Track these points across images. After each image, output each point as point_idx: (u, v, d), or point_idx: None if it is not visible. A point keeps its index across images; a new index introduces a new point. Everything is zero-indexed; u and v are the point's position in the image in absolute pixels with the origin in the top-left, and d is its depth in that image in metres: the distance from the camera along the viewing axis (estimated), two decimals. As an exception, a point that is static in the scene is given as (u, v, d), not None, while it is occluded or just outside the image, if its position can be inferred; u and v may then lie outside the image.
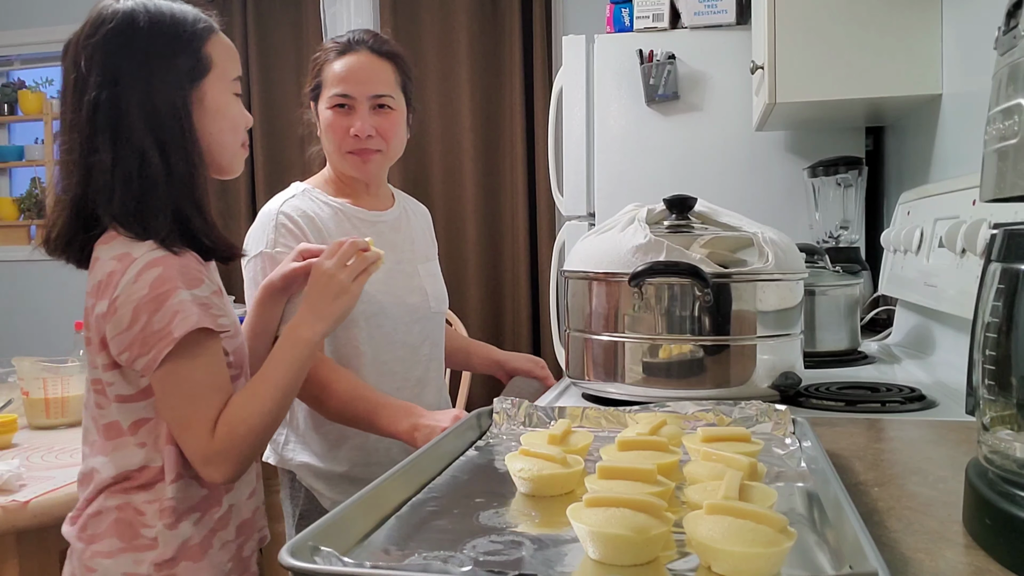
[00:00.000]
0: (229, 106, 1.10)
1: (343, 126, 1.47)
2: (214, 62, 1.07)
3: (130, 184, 1.01)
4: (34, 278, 4.05)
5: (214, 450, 1.01)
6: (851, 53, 1.72)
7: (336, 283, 1.11)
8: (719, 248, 1.10)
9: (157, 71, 1.02)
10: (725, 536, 0.53)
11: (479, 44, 3.37)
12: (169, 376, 1.00)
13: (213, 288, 1.05)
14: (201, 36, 1.06)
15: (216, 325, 1.02)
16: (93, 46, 1.02)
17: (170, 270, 0.99)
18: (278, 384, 1.07)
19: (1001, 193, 0.57)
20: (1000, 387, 0.57)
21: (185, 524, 1.05)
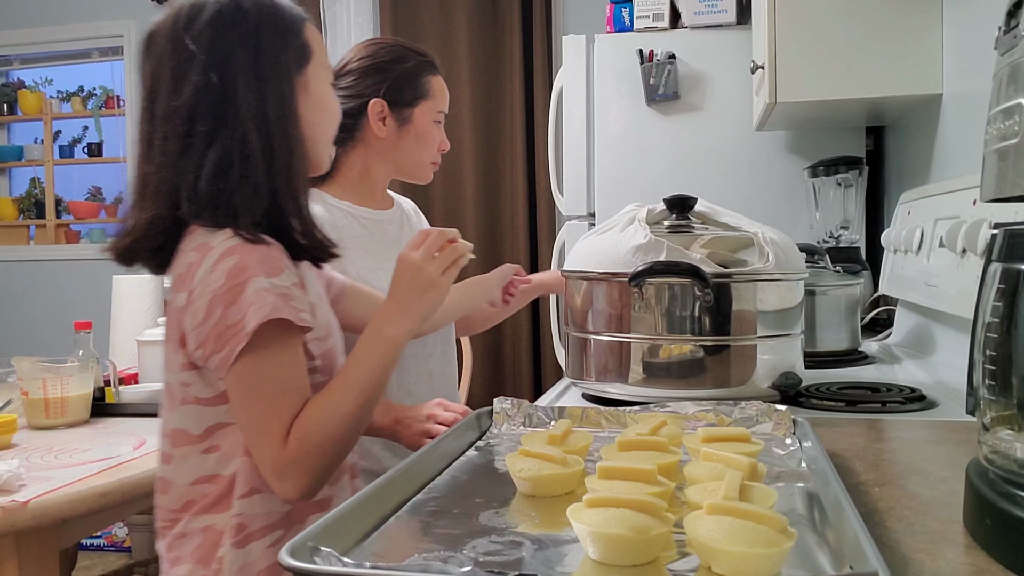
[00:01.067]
0: (328, 95, 1.06)
1: (437, 138, 1.53)
2: (313, 49, 1.02)
3: (228, 170, 0.94)
4: (34, 278, 4.05)
5: (286, 460, 0.91)
6: (851, 53, 1.72)
7: (424, 276, 0.99)
8: (719, 248, 1.10)
9: (267, 54, 0.97)
10: (725, 536, 0.53)
11: (479, 44, 3.36)
12: (243, 375, 0.91)
13: (294, 280, 0.95)
14: (301, 22, 1.02)
15: (297, 319, 0.92)
16: (197, 31, 0.95)
17: (247, 258, 0.91)
18: (360, 386, 0.95)
19: (1001, 193, 0.57)
20: (1001, 387, 0.57)
21: (256, 545, 0.95)
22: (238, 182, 0.94)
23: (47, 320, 3.98)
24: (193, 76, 0.94)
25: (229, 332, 0.90)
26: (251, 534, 0.95)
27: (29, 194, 4.16)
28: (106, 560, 3.35)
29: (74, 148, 4.14)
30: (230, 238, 0.92)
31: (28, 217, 4.17)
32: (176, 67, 0.95)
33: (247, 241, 0.92)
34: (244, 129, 0.94)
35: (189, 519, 0.98)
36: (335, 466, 0.97)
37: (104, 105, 4.03)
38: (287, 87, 0.98)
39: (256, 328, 0.89)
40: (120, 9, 3.88)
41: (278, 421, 0.91)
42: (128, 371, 2.08)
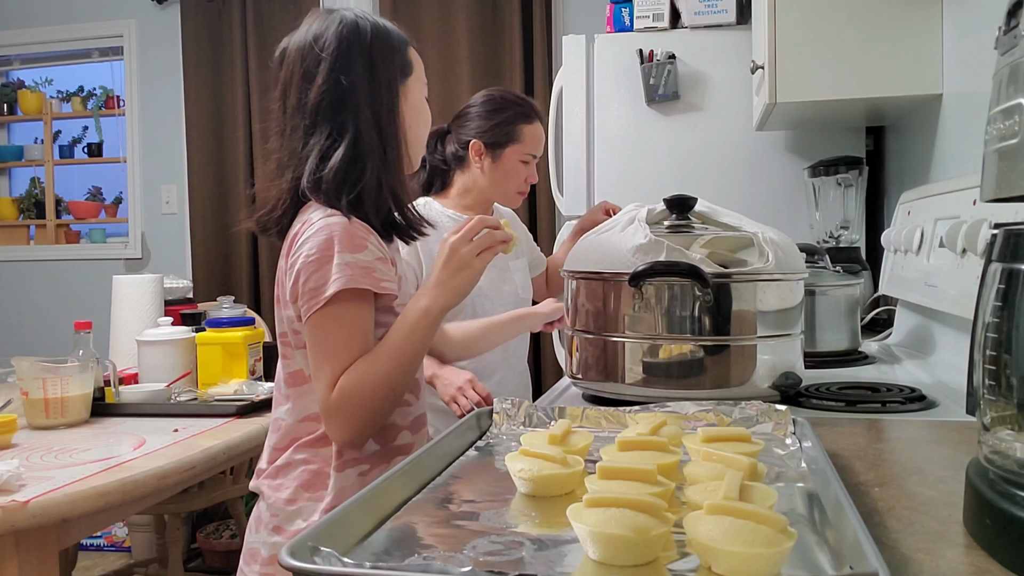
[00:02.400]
0: (424, 105, 1.27)
1: (523, 174, 1.94)
2: (414, 66, 1.24)
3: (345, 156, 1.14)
4: (34, 278, 4.05)
5: (329, 407, 1.08)
6: (851, 53, 1.72)
7: (459, 256, 1.13)
8: (719, 248, 1.10)
9: (379, 66, 1.18)
10: (725, 536, 0.53)
11: (479, 44, 3.36)
12: (315, 327, 1.09)
13: (378, 254, 1.12)
14: (404, 43, 1.24)
15: (378, 287, 1.10)
16: (323, 44, 1.16)
17: (336, 234, 1.09)
18: (395, 350, 1.10)
19: (1002, 193, 0.57)
20: (1000, 387, 0.57)
21: (351, 471, 1.14)
22: (351, 166, 1.14)
23: (47, 320, 3.98)
24: (319, 80, 1.16)
25: (312, 294, 1.08)
26: (347, 461, 1.14)
27: (29, 194, 4.16)
28: (106, 560, 3.35)
29: (74, 148, 4.14)
30: (328, 216, 1.11)
31: (28, 217, 4.17)
32: (305, 72, 1.17)
33: (338, 219, 1.11)
34: (360, 123, 1.16)
35: (293, 452, 1.16)
36: (375, 421, 1.11)
37: (104, 105, 4.03)
38: (394, 93, 1.19)
39: (335, 294, 1.07)
40: (120, 9, 3.88)
41: (331, 371, 1.08)
42: (128, 371, 2.08)
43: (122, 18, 3.89)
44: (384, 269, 1.12)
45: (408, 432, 1.20)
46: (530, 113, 1.91)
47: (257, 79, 3.61)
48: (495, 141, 1.90)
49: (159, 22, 3.80)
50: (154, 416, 1.82)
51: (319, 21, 1.19)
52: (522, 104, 1.91)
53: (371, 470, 1.15)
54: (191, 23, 3.68)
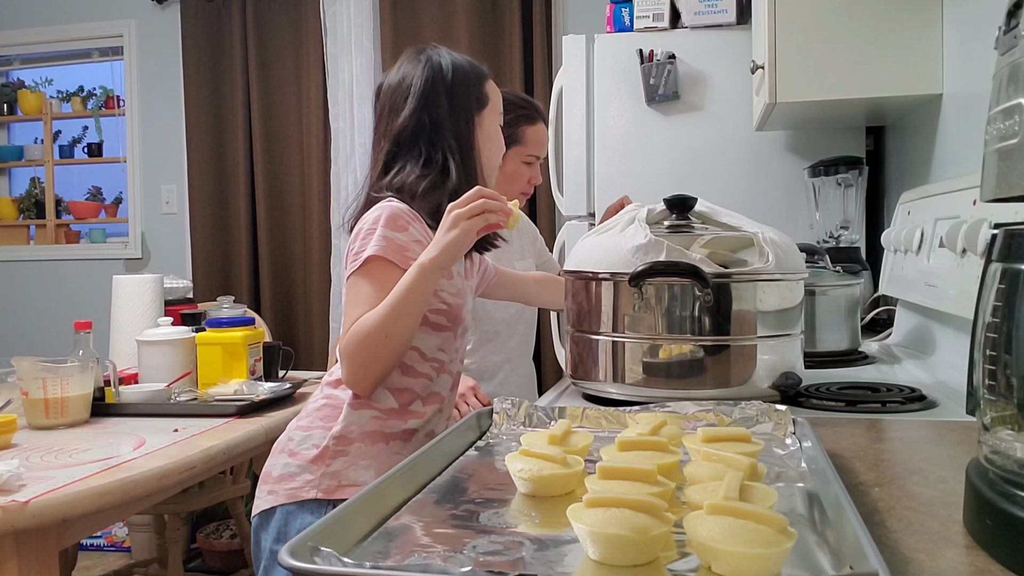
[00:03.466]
0: (497, 133, 1.44)
1: (526, 176, 1.94)
2: (490, 99, 1.42)
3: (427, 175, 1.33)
4: (34, 278, 4.05)
5: (341, 349, 1.25)
6: (851, 53, 1.72)
7: (452, 216, 1.22)
8: (719, 248, 1.10)
9: (459, 99, 1.37)
10: (725, 536, 0.53)
11: (479, 44, 3.36)
12: (348, 288, 1.29)
13: (417, 237, 1.28)
14: (482, 78, 1.42)
15: (404, 263, 1.24)
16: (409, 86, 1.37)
17: (385, 214, 1.27)
18: (393, 301, 1.22)
19: (1002, 193, 0.57)
20: (1001, 387, 0.57)
21: (366, 412, 1.30)
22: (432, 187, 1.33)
23: (47, 320, 3.98)
24: (404, 114, 1.35)
25: (354, 257, 1.28)
26: (364, 404, 1.30)
27: (29, 194, 4.16)
28: (106, 560, 3.35)
29: (74, 148, 4.14)
30: (387, 201, 1.30)
31: (28, 217, 4.17)
32: (392, 107, 1.38)
33: (392, 204, 1.29)
34: (439, 151, 1.35)
35: (320, 391, 1.37)
36: (375, 366, 1.26)
37: (104, 105, 4.03)
38: (471, 124, 1.38)
39: (369, 258, 1.25)
40: (120, 9, 3.88)
41: (349, 320, 1.25)
42: (128, 371, 2.08)
43: (122, 18, 3.89)
44: (417, 250, 1.25)
45: (421, 402, 1.34)
46: (533, 114, 1.91)
47: (257, 79, 3.61)
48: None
49: (159, 22, 3.80)
50: (154, 416, 1.82)
51: (409, 63, 1.39)
52: (525, 106, 1.92)
53: (385, 420, 1.30)
54: (191, 23, 3.68)
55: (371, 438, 1.29)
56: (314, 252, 3.54)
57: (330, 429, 1.29)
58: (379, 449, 1.29)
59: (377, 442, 1.29)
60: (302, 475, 1.27)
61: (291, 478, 1.28)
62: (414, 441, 1.33)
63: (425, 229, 1.31)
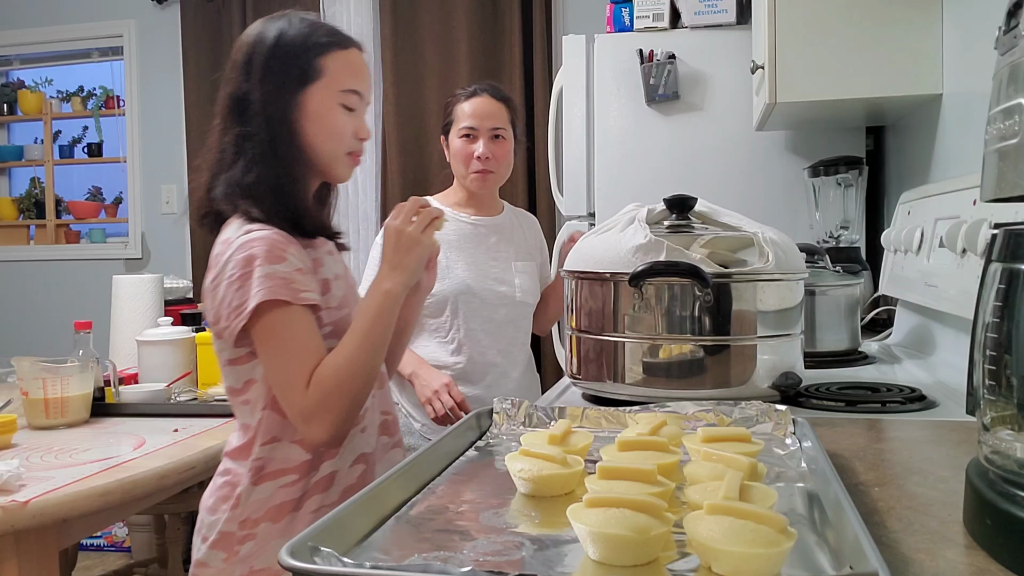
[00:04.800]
0: (330, 114, 1.20)
1: (466, 151, 1.90)
2: (324, 73, 1.19)
3: (242, 161, 1.17)
4: (34, 278, 4.05)
5: (309, 405, 1.09)
6: (851, 53, 1.72)
7: (407, 236, 1.18)
8: (719, 248, 1.10)
9: (275, 72, 1.18)
10: (725, 536, 0.53)
11: (479, 44, 3.36)
12: (262, 341, 1.10)
13: (298, 265, 1.12)
14: (318, 49, 1.20)
15: (296, 299, 1.09)
16: (235, 53, 1.22)
17: (256, 250, 1.09)
18: (363, 334, 1.12)
19: (1002, 193, 0.57)
20: (1000, 387, 0.57)
21: (270, 484, 1.14)
22: (247, 170, 1.16)
23: (47, 320, 3.98)
24: (227, 87, 1.20)
25: (235, 311, 1.09)
26: (267, 475, 1.14)
27: (29, 194, 4.16)
28: (106, 560, 3.35)
29: (74, 148, 4.14)
30: (245, 233, 1.11)
31: (28, 217, 4.17)
32: (224, 77, 1.23)
33: (257, 235, 1.11)
34: (259, 129, 1.17)
35: (222, 463, 1.20)
36: (354, 409, 1.13)
37: (104, 105, 4.03)
38: (285, 102, 1.18)
39: (257, 306, 1.07)
40: (120, 9, 3.88)
41: (298, 374, 1.09)
42: (128, 371, 2.08)
43: (122, 18, 3.89)
44: (303, 280, 1.11)
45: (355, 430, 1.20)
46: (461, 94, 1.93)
47: (257, 79, 3.61)
48: (443, 126, 1.96)
49: (159, 22, 3.80)
50: (154, 416, 1.82)
51: (245, 33, 1.23)
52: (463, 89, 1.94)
53: (295, 483, 1.14)
54: (191, 23, 3.68)
55: (279, 512, 1.14)
56: (314, 252, 3.54)
57: (233, 511, 1.14)
58: (291, 520, 1.14)
59: (286, 514, 1.14)
60: (214, 563, 1.15)
61: (205, 566, 1.16)
62: (334, 487, 1.18)
63: (299, 250, 1.14)
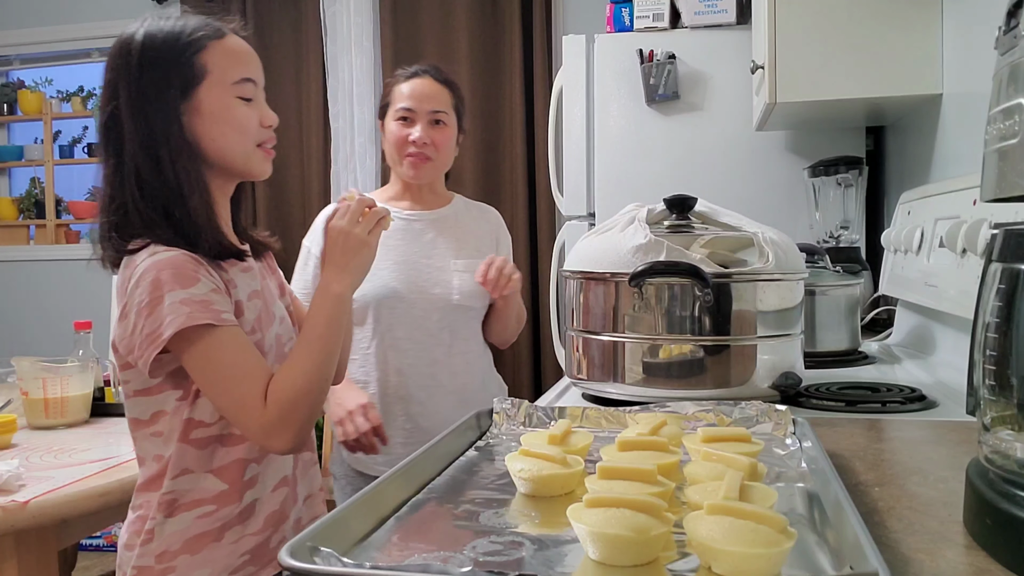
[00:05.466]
0: (229, 109, 1.12)
1: (399, 135, 1.72)
2: (209, 69, 1.10)
3: (126, 191, 1.08)
4: (34, 278, 4.05)
5: (270, 421, 1.04)
6: (851, 53, 1.72)
7: (354, 238, 1.15)
8: (719, 248, 1.10)
9: (147, 87, 1.08)
10: (725, 536, 0.53)
11: (479, 44, 3.36)
12: (201, 371, 1.05)
13: (212, 286, 1.06)
14: (194, 46, 1.10)
15: (218, 320, 1.04)
16: (104, 71, 1.11)
17: (164, 274, 1.03)
18: (316, 340, 1.10)
19: (1002, 193, 0.57)
20: (1001, 387, 0.57)
21: (185, 516, 1.09)
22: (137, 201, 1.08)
23: (47, 320, 3.98)
24: (101, 114, 1.10)
25: (149, 339, 1.02)
26: (181, 506, 1.09)
27: (29, 194, 4.16)
28: (106, 560, 3.35)
29: (74, 148, 4.14)
30: (150, 256, 1.04)
31: (28, 217, 4.17)
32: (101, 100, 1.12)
33: (164, 257, 1.04)
34: (134, 156, 1.07)
35: (134, 496, 1.14)
36: (314, 416, 1.10)
37: (104, 105, 4.03)
38: (170, 114, 1.08)
39: (181, 334, 1.01)
40: (120, 9, 3.88)
41: (250, 394, 1.04)
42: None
43: (122, 18, 3.89)
44: (220, 300, 1.06)
45: (255, 464, 1.13)
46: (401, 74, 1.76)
47: (257, 79, 3.61)
48: (380, 109, 1.80)
49: (159, 22, 3.80)
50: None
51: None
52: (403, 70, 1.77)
53: (215, 512, 1.10)
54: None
55: (198, 543, 1.09)
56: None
57: (146, 546, 1.09)
58: (211, 551, 1.10)
59: (207, 544, 1.10)
60: None
61: None
62: (257, 515, 1.13)
63: (209, 271, 1.07)
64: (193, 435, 1.10)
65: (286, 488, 1.18)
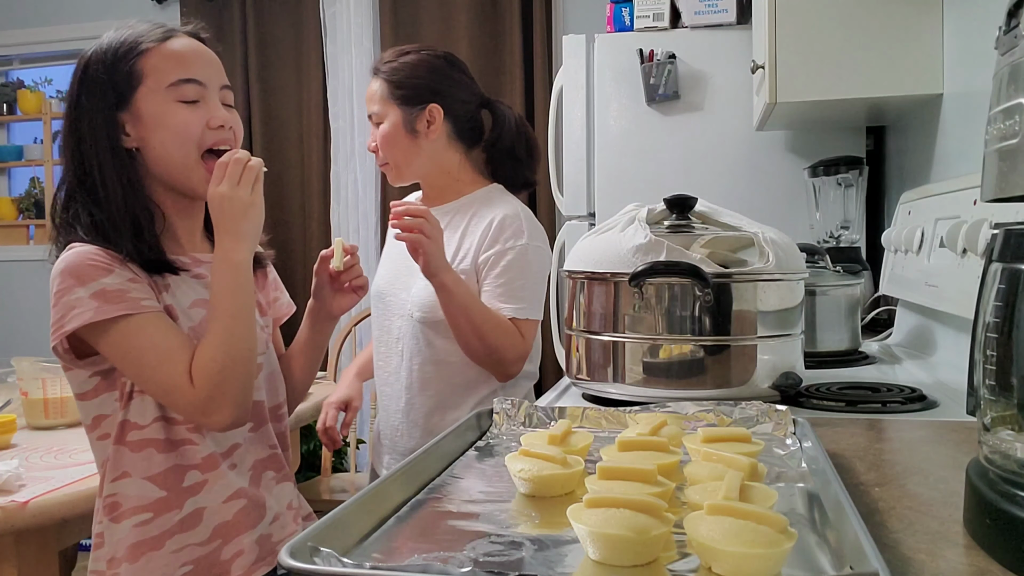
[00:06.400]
0: (168, 115, 1.11)
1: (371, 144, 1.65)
2: (145, 74, 1.11)
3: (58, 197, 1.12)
4: (34, 278, 4.05)
5: (201, 398, 1.04)
6: (851, 53, 1.72)
7: (238, 201, 1.09)
8: (719, 248, 1.10)
9: (89, 97, 1.10)
10: (725, 537, 0.53)
11: (479, 44, 3.36)
12: (121, 361, 1.06)
13: (129, 276, 1.06)
14: (132, 53, 1.11)
15: (135, 308, 1.04)
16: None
17: (71, 268, 1.04)
18: (223, 313, 1.07)
19: (1002, 193, 0.57)
20: (1001, 387, 0.57)
21: (126, 523, 1.09)
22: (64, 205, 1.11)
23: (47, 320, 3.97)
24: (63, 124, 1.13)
25: (54, 328, 1.05)
26: (123, 512, 1.09)
27: (29, 194, 4.16)
28: (106, 560, 3.34)
29: (74, 148, 4.14)
30: (68, 251, 1.07)
31: (28, 217, 4.17)
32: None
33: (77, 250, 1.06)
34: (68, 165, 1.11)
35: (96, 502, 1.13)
36: (248, 385, 1.09)
37: (104, 105, 4.03)
38: (107, 123, 1.10)
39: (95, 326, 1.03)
40: (120, 9, 3.88)
41: (174, 375, 1.04)
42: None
43: (122, 18, 3.88)
44: (138, 288, 1.06)
45: (198, 471, 1.12)
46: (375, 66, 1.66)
47: (257, 79, 3.61)
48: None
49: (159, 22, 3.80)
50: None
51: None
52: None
53: (151, 521, 1.09)
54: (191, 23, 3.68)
55: (136, 551, 1.08)
56: (314, 252, 3.54)
57: (99, 551, 1.11)
58: (149, 560, 1.08)
59: (144, 553, 1.08)
60: None
61: None
62: (204, 525, 1.12)
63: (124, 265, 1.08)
64: (129, 437, 1.10)
65: (243, 500, 1.16)
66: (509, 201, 1.63)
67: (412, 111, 1.59)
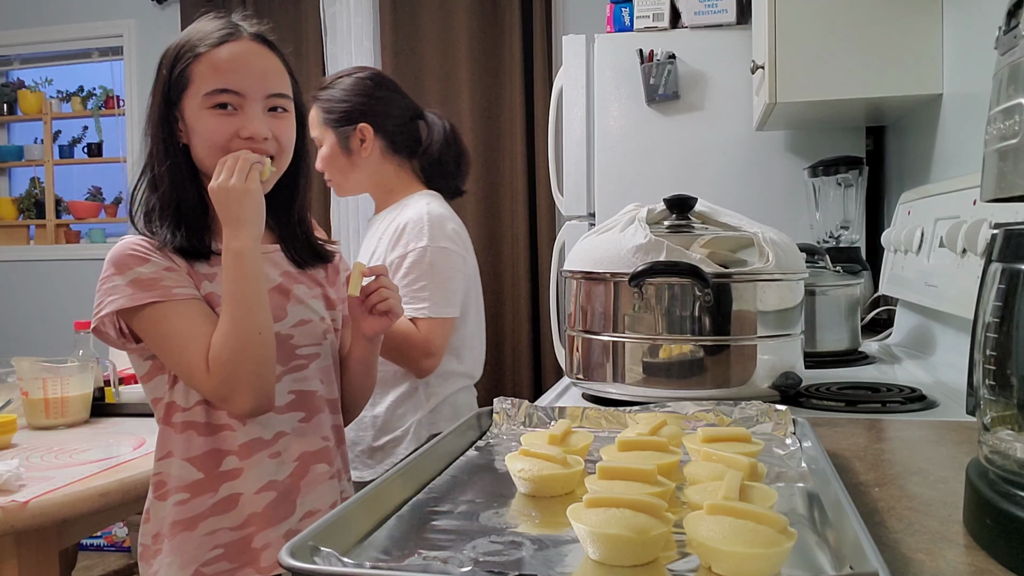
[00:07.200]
0: (199, 121, 1.15)
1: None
2: (191, 80, 1.15)
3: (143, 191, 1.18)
4: (34, 278, 4.05)
5: (216, 383, 1.09)
6: (851, 53, 1.72)
7: (233, 191, 1.10)
8: (719, 248, 1.10)
9: (154, 92, 1.18)
10: (725, 536, 0.53)
11: (479, 44, 3.36)
12: (154, 345, 1.13)
13: (165, 265, 1.12)
14: (188, 56, 1.16)
15: (167, 296, 1.10)
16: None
17: (114, 256, 1.12)
18: (232, 301, 1.10)
19: (1002, 193, 0.57)
20: (1001, 387, 0.57)
21: (169, 501, 1.14)
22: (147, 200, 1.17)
23: (47, 320, 3.98)
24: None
25: (94, 313, 1.12)
26: (167, 491, 1.14)
27: (29, 194, 4.16)
28: (106, 560, 3.35)
29: (74, 148, 4.14)
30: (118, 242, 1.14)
31: (28, 217, 4.17)
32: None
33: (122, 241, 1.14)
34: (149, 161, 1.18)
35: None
36: (263, 372, 1.11)
37: (104, 105, 4.03)
38: (162, 120, 1.16)
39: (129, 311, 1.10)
40: (120, 9, 3.88)
41: (193, 362, 1.09)
42: (128, 371, 2.08)
43: (122, 18, 3.89)
44: (172, 277, 1.11)
45: (236, 457, 1.14)
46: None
47: (257, 79, 3.61)
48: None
49: (159, 22, 3.80)
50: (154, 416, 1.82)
51: None
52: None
53: (189, 502, 1.13)
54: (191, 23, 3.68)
55: (174, 530, 1.13)
56: (314, 252, 3.55)
57: (146, 525, 1.16)
58: (182, 540, 1.12)
59: (180, 532, 1.12)
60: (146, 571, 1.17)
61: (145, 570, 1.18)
62: (239, 511, 1.14)
63: (166, 255, 1.13)
64: (174, 419, 1.15)
65: (273, 493, 1.16)
66: (420, 206, 1.66)
67: (344, 132, 1.69)
